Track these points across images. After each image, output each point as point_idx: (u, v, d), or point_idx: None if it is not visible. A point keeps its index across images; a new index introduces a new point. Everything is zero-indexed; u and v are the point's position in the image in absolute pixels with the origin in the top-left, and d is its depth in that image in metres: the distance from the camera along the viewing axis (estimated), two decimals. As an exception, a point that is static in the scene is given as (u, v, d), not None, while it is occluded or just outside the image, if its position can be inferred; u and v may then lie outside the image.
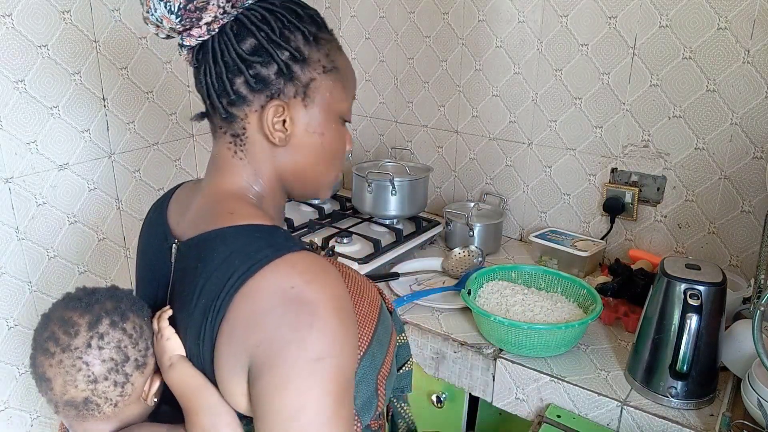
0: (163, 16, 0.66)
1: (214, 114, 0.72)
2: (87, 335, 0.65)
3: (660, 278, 1.10)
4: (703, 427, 1.05)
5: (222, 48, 0.69)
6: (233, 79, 0.69)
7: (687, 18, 1.39)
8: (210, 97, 0.71)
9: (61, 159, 1.34)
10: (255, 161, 0.73)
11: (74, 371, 0.64)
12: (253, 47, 0.69)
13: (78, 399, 0.66)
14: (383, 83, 2.00)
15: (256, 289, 0.62)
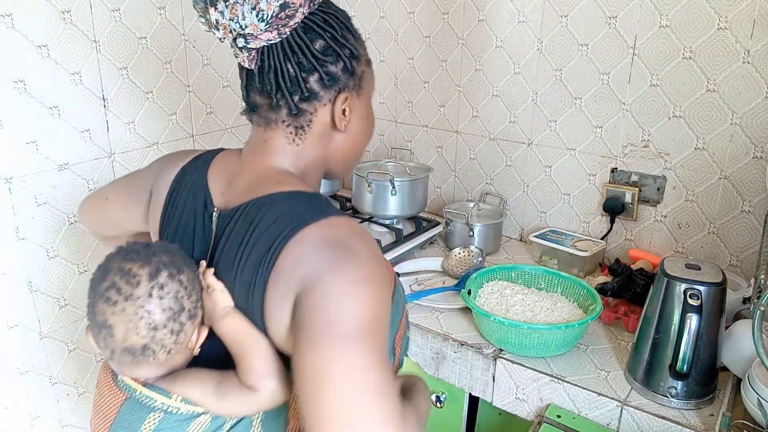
0: (251, 24, 0.71)
1: (278, 110, 0.77)
2: (148, 285, 0.69)
3: (660, 278, 1.10)
4: (703, 427, 1.05)
5: (295, 50, 0.74)
6: (307, 78, 0.76)
7: (687, 18, 1.39)
8: (279, 94, 0.76)
9: (61, 159, 1.34)
10: (310, 147, 0.80)
11: (136, 319, 0.68)
12: (323, 48, 0.75)
13: (137, 345, 0.70)
14: (383, 83, 2.00)
15: (302, 239, 0.69)
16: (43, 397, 1.42)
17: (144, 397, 0.74)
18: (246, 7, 0.70)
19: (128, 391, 0.75)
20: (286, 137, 0.79)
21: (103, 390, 0.79)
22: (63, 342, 1.44)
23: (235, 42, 0.74)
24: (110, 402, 0.77)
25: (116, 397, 0.76)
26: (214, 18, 0.73)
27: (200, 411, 0.74)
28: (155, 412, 0.73)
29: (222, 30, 0.73)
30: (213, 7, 0.72)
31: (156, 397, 0.73)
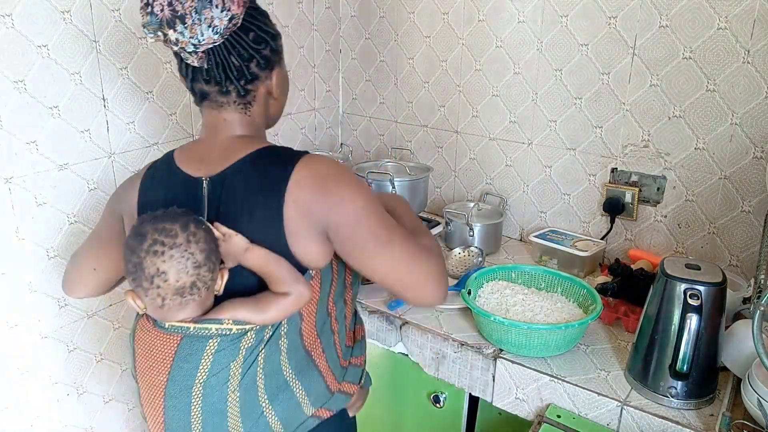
0: (208, 37, 0.88)
1: (228, 94, 0.95)
2: (184, 234, 0.85)
3: (660, 278, 1.10)
4: (703, 427, 1.05)
5: (236, 45, 0.91)
6: (249, 65, 0.94)
7: (687, 18, 1.40)
8: (227, 83, 0.93)
9: (61, 159, 1.34)
10: (257, 116, 1.00)
11: (184, 260, 0.84)
12: (255, 38, 0.93)
13: (187, 284, 0.85)
14: (383, 83, 2.00)
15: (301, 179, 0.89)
16: (43, 397, 1.42)
17: (199, 330, 0.88)
18: (203, 26, 0.87)
19: (182, 332, 0.88)
20: (239, 113, 0.97)
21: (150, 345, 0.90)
22: (63, 342, 1.44)
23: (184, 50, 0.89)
24: (163, 350, 0.89)
25: (169, 342, 0.89)
26: (174, 37, 0.88)
27: (248, 328, 0.89)
28: (212, 338, 0.88)
29: (180, 45, 0.89)
30: (172, 29, 0.87)
31: (210, 327, 0.88)
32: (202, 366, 0.88)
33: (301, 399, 0.96)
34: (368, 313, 1.41)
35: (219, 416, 0.91)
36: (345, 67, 2.08)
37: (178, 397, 0.90)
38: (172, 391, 0.90)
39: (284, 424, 0.95)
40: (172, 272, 0.84)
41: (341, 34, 2.05)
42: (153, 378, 0.91)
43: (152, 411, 0.93)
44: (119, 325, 1.56)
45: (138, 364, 0.94)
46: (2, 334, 1.31)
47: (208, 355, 0.88)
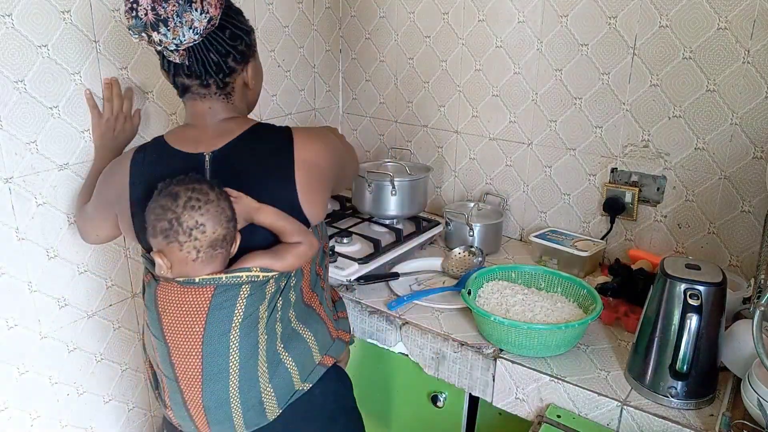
0: (189, 38, 0.97)
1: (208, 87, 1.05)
2: (214, 193, 0.96)
3: (660, 278, 1.10)
4: (703, 427, 1.05)
5: (213, 42, 1.01)
6: (226, 60, 1.04)
7: (687, 18, 1.40)
8: (207, 76, 1.04)
9: (61, 159, 1.34)
10: (238, 102, 1.11)
11: (218, 214, 0.95)
12: (231, 35, 1.03)
13: (220, 236, 0.95)
14: (383, 83, 2.00)
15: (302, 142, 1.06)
16: (43, 397, 1.42)
17: (231, 279, 0.98)
18: (185, 27, 0.96)
19: (214, 282, 0.98)
20: (222, 102, 1.08)
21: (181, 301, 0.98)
22: (63, 342, 1.44)
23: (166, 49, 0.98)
24: (196, 302, 0.98)
25: (202, 294, 0.98)
26: (158, 39, 0.96)
27: (270, 275, 1.01)
28: (244, 285, 0.99)
29: (162, 45, 0.97)
30: (155, 31, 0.95)
31: (241, 274, 0.98)
32: (237, 310, 0.99)
33: (312, 345, 1.10)
34: (368, 313, 1.41)
35: (253, 359, 1.02)
36: (345, 67, 2.08)
37: (216, 343, 0.99)
38: (210, 338, 0.99)
39: (300, 371, 1.07)
40: (209, 224, 0.94)
41: (341, 34, 2.05)
42: (188, 331, 0.99)
43: (187, 363, 1.01)
44: (119, 325, 1.56)
45: (166, 324, 1.00)
46: (2, 334, 1.31)
47: (241, 300, 0.99)
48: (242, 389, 1.03)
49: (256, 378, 1.03)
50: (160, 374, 1.08)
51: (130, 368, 1.61)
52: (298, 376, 1.07)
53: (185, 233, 0.94)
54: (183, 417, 1.07)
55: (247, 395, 1.03)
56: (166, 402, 1.09)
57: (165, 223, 0.94)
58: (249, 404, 1.04)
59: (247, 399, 1.03)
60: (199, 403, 1.03)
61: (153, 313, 1.03)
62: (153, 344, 1.06)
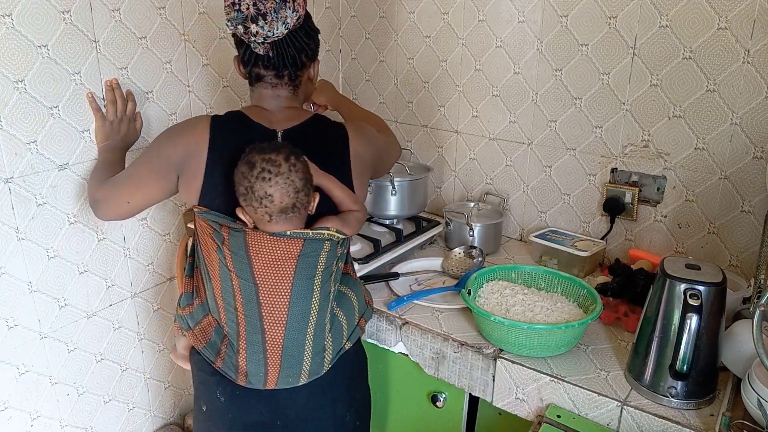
0: (280, 33, 1.11)
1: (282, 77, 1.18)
2: (287, 165, 1.06)
3: (660, 278, 1.10)
4: (703, 427, 1.05)
5: (294, 39, 1.14)
6: (301, 55, 1.17)
7: (687, 18, 1.40)
8: (283, 68, 1.16)
9: (61, 159, 1.34)
10: (302, 95, 1.25)
11: (286, 186, 1.05)
12: (306, 33, 1.16)
13: (288, 205, 1.07)
14: (383, 83, 2.00)
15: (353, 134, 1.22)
16: (43, 397, 1.42)
17: (316, 235, 1.11)
18: (279, 22, 1.10)
19: (303, 236, 1.10)
20: (290, 92, 1.21)
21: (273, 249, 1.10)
22: (63, 342, 1.44)
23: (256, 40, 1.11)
24: (288, 251, 1.10)
25: (293, 245, 1.10)
26: (255, 30, 1.09)
27: (341, 237, 1.14)
28: (326, 241, 1.13)
29: (257, 36, 1.10)
30: (254, 23, 1.09)
31: (323, 232, 1.12)
32: (320, 261, 1.13)
33: (355, 305, 1.24)
34: (368, 313, 1.41)
35: (324, 305, 1.16)
36: (345, 67, 2.08)
37: (303, 286, 1.12)
38: (298, 281, 1.12)
39: (348, 327, 1.22)
40: (276, 195, 1.05)
41: (341, 34, 2.05)
42: (280, 273, 1.11)
43: (275, 302, 1.12)
44: (119, 325, 1.56)
45: (257, 266, 1.11)
46: (2, 334, 1.31)
47: (324, 253, 1.13)
48: (315, 333, 1.16)
49: (323, 325, 1.17)
50: (236, 320, 1.15)
51: (130, 368, 1.61)
52: (346, 332, 1.21)
53: (257, 200, 1.05)
54: (257, 361, 1.15)
55: (317, 339, 1.16)
56: (240, 348, 1.15)
57: (242, 189, 1.06)
58: (317, 349, 1.16)
59: (317, 343, 1.16)
60: (280, 342, 1.14)
61: (242, 257, 1.11)
62: (235, 288, 1.13)
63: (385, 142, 1.36)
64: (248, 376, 1.15)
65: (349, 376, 1.26)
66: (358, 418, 1.30)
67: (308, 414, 1.21)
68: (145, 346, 1.64)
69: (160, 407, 1.74)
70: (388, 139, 1.40)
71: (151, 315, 1.63)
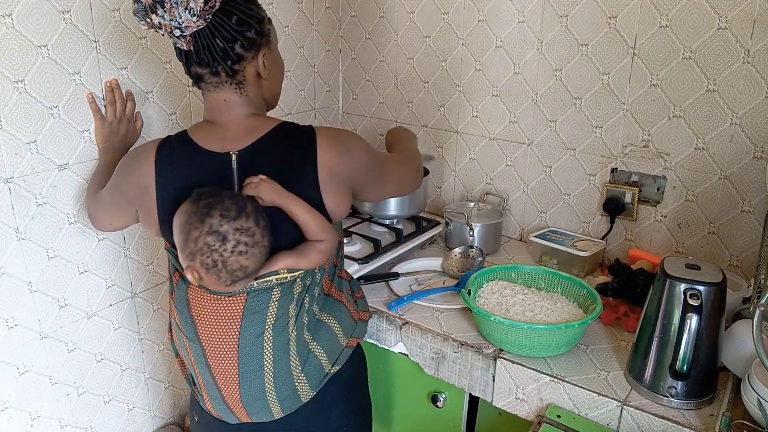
0: (186, 19, 0.96)
1: (218, 75, 1.04)
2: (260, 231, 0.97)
3: (660, 278, 1.10)
4: (703, 427, 1.05)
5: (219, 28, 0.99)
6: (233, 46, 1.01)
7: (687, 18, 1.40)
8: (215, 63, 1.02)
9: (61, 159, 1.34)
10: (254, 94, 1.08)
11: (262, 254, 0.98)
12: (238, 21, 1.01)
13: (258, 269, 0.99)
14: (383, 83, 2.00)
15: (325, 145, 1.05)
16: (43, 397, 1.42)
17: (262, 284, 1.02)
18: (180, 8, 0.95)
19: (246, 290, 1.02)
20: (235, 92, 1.06)
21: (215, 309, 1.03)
22: (63, 342, 1.44)
23: (172, 34, 0.98)
24: (231, 310, 1.03)
25: (236, 302, 1.02)
26: (157, 21, 0.96)
27: (297, 275, 1.04)
28: (275, 288, 1.03)
29: (164, 29, 0.97)
30: (154, 13, 0.96)
31: (271, 278, 1.02)
32: (270, 313, 1.04)
33: (337, 331, 1.14)
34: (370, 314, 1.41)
35: (285, 355, 1.07)
36: (345, 67, 2.08)
37: (251, 345, 1.04)
38: (245, 341, 1.03)
39: (329, 356, 1.13)
40: (253, 265, 0.97)
41: (341, 34, 2.05)
42: (224, 336, 1.03)
43: (224, 365, 1.06)
44: (119, 325, 1.56)
45: (201, 328, 1.05)
46: (2, 334, 1.31)
47: (273, 302, 1.04)
48: (277, 383, 1.08)
49: (289, 371, 1.08)
50: (196, 373, 1.12)
51: (130, 368, 1.61)
52: (327, 360, 1.13)
53: (229, 273, 0.96)
54: (223, 410, 1.12)
55: (281, 388, 1.09)
56: (205, 398, 1.13)
57: (209, 261, 0.94)
58: (284, 395, 1.09)
59: (282, 391, 1.09)
60: (238, 398, 1.09)
61: (186, 316, 1.06)
62: (186, 345, 1.10)
63: (378, 163, 1.16)
64: (222, 418, 1.15)
65: (344, 391, 1.19)
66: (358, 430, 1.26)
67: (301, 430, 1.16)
68: (145, 346, 1.64)
69: (160, 407, 1.73)
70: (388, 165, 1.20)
71: (151, 315, 1.63)
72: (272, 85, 1.13)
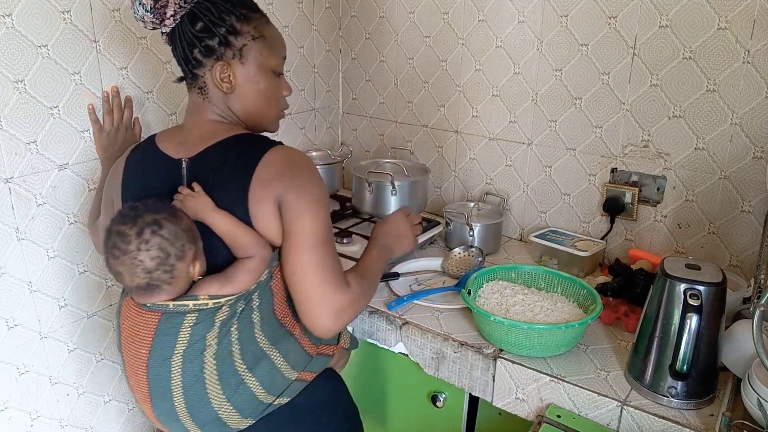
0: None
1: (188, 76, 1.07)
2: (136, 242, 0.92)
3: (660, 278, 1.10)
4: (703, 427, 1.05)
5: (183, 31, 1.03)
6: (192, 50, 1.03)
7: (687, 18, 1.39)
8: (181, 64, 1.06)
9: (61, 159, 1.34)
10: (219, 103, 1.08)
11: (133, 267, 0.92)
12: (201, 27, 1.02)
13: (142, 284, 0.94)
14: (383, 83, 2.00)
15: (271, 161, 1.00)
16: (43, 397, 1.42)
17: (177, 307, 0.97)
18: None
19: (162, 309, 0.97)
20: (200, 96, 1.07)
21: (134, 321, 0.99)
22: (63, 342, 1.44)
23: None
24: (145, 325, 0.98)
25: (150, 319, 0.98)
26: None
27: (222, 302, 0.98)
28: (190, 313, 0.97)
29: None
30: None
31: (188, 303, 0.97)
32: (180, 338, 0.97)
33: (281, 365, 1.04)
34: (368, 313, 1.41)
35: (198, 383, 0.99)
36: (345, 67, 2.08)
37: (159, 368, 0.98)
38: (153, 362, 0.98)
39: (267, 389, 1.03)
40: (126, 275, 0.94)
41: (341, 34, 2.05)
42: (136, 351, 1.00)
43: (137, 381, 1.02)
44: (119, 325, 1.56)
45: (123, 339, 1.03)
46: (2, 334, 1.31)
47: (186, 328, 0.97)
48: (191, 409, 1.00)
49: (205, 399, 1.00)
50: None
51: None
52: (264, 392, 1.03)
53: (113, 274, 0.96)
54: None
55: (198, 413, 1.01)
56: None
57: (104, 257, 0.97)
58: (204, 420, 1.01)
59: (199, 416, 1.01)
60: (153, 416, 1.04)
61: (118, 324, 1.05)
62: None
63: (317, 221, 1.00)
64: None
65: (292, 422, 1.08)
66: None
67: None
68: (145, 346, 1.64)
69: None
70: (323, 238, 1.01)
71: (151, 315, 1.63)
72: (246, 104, 1.08)
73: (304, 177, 1.01)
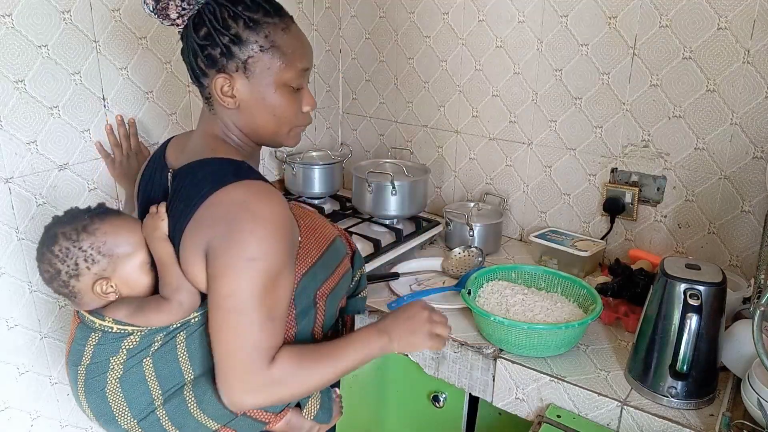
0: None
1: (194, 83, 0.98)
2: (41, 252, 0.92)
3: (660, 278, 1.10)
4: (703, 427, 1.05)
5: (188, 35, 0.94)
6: (196, 59, 0.94)
7: (687, 18, 1.40)
8: (188, 70, 0.97)
9: (61, 159, 1.34)
10: (223, 115, 0.97)
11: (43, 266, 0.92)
12: (204, 34, 0.91)
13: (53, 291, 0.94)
14: (383, 83, 2.00)
15: (217, 201, 0.87)
16: (43, 397, 1.42)
17: (88, 321, 0.94)
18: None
19: (81, 317, 0.96)
20: (206, 105, 0.99)
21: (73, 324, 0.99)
22: (63, 342, 1.44)
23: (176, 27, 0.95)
24: (72, 325, 0.98)
25: (75, 321, 0.98)
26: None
27: (130, 330, 0.92)
28: (95, 332, 0.94)
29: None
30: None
31: (95, 320, 0.93)
32: (86, 352, 0.95)
33: (194, 410, 0.94)
34: (368, 313, 1.41)
35: (100, 398, 0.95)
36: (345, 67, 2.08)
37: (71, 371, 0.97)
38: (69, 363, 0.98)
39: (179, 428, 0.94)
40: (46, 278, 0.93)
41: (341, 34, 2.05)
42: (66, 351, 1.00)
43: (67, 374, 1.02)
44: (119, 325, 1.56)
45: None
46: (2, 334, 1.31)
47: (90, 345, 0.94)
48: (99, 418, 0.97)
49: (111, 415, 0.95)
50: None
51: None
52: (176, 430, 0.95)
53: None
54: None
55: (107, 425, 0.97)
56: None
57: None
58: None
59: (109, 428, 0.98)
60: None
61: None
62: None
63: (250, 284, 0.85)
64: None
65: None
66: None
67: None
68: (145, 346, 1.64)
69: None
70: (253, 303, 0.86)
71: (151, 315, 1.63)
72: (251, 118, 0.96)
73: (243, 228, 0.84)
